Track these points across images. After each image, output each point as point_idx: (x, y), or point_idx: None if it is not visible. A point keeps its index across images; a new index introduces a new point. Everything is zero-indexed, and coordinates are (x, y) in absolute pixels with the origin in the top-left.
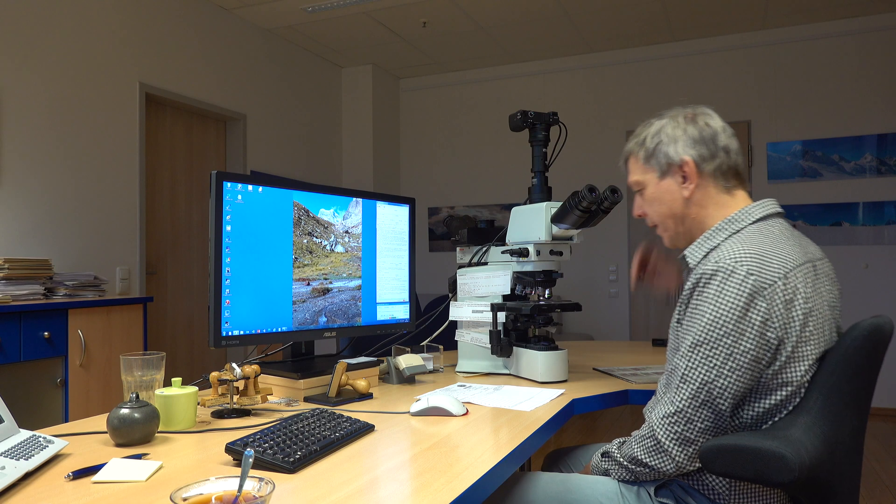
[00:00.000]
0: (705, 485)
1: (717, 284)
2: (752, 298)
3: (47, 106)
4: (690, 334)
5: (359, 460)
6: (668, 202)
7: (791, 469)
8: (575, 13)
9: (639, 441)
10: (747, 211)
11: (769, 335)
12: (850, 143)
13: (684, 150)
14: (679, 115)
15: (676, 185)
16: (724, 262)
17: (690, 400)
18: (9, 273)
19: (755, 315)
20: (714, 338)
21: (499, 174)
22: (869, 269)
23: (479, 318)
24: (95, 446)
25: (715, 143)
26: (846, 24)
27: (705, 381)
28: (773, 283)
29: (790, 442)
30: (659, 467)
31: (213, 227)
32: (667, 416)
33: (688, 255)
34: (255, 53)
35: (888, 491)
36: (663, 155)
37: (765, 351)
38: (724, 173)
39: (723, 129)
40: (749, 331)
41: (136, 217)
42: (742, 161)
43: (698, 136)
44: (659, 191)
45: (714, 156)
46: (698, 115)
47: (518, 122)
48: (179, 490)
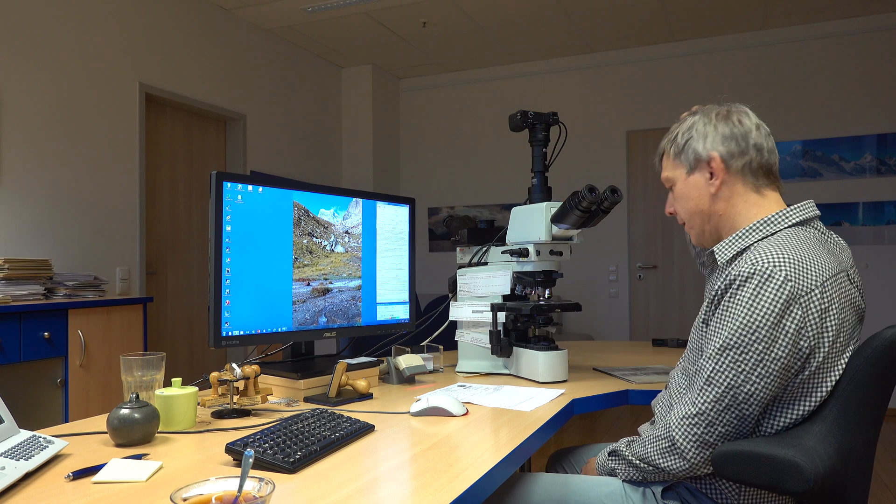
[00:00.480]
0: (714, 488)
1: (753, 288)
2: (789, 305)
3: (47, 106)
4: (720, 336)
5: (359, 460)
6: (695, 198)
7: (806, 479)
8: (575, 13)
9: (652, 442)
10: (785, 213)
11: (802, 344)
12: (850, 143)
13: (713, 146)
14: (712, 112)
15: (704, 181)
16: (762, 265)
17: (714, 403)
18: (9, 273)
19: (790, 323)
20: (745, 342)
21: (499, 174)
22: (869, 269)
23: (479, 318)
24: (95, 446)
25: (746, 140)
26: (846, 24)
27: (732, 386)
28: (810, 292)
29: (805, 451)
30: (670, 469)
31: (213, 227)
32: (687, 418)
33: (717, 252)
34: (255, 53)
35: (888, 491)
36: (692, 151)
37: (795, 359)
38: (754, 171)
39: (756, 126)
40: (782, 338)
41: (136, 217)
42: (776, 161)
43: (729, 132)
44: (686, 187)
45: (743, 153)
46: (732, 111)
47: (518, 122)
48: (179, 490)
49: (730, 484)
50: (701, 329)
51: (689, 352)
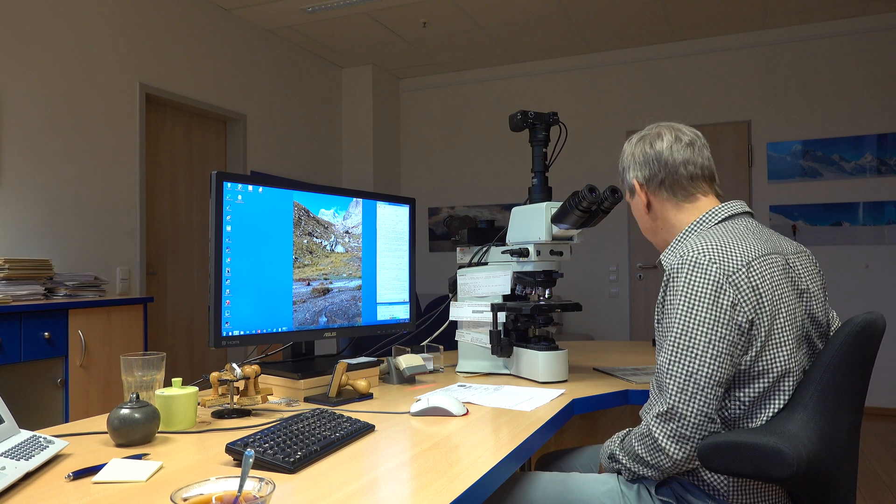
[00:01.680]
0: (705, 481)
1: (684, 276)
2: (720, 285)
3: (47, 106)
4: (669, 330)
5: (359, 460)
6: (640, 218)
7: (790, 464)
8: (575, 13)
9: (638, 438)
10: (713, 212)
11: (740, 318)
12: (850, 143)
13: (633, 174)
14: (635, 138)
15: (640, 204)
16: (689, 256)
17: (679, 394)
18: (9, 273)
19: (724, 300)
20: (690, 329)
21: (499, 174)
22: (869, 269)
23: (480, 318)
24: (96, 446)
25: (658, 161)
26: (846, 24)
27: (690, 373)
28: (737, 271)
29: (787, 437)
30: (658, 465)
31: (213, 227)
32: (660, 415)
33: (663, 260)
34: (255, 53)
35: (888, 491)
36: (626, 180)
37: (738, 335)
38: (670, 187)
39: (669, 147)
40: (722, 317)
41: (136, 217)
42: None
43: (642, 158)
44: (633, 210)
45: (655, 175)
46: (648, 136)
47: (518, 122)
48: (180, 490)
49: (720, 476)
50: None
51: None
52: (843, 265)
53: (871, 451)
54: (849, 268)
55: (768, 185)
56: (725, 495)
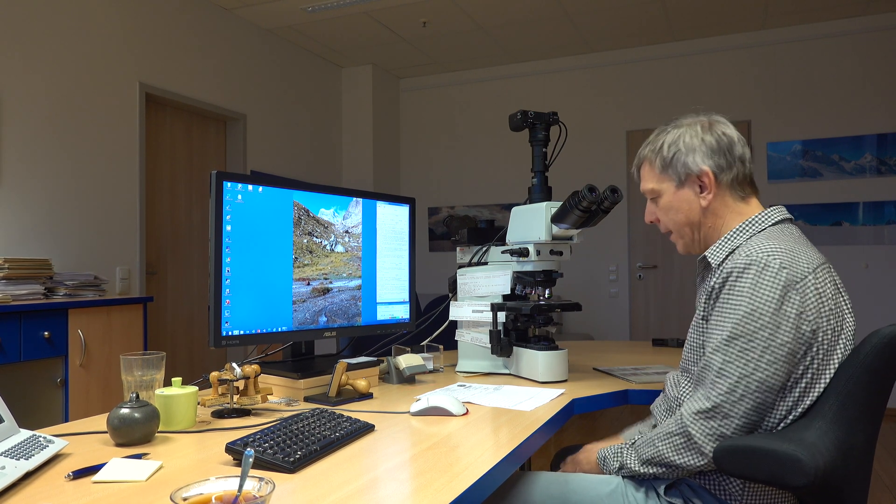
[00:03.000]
0: (718, 485)
1: (751, 277)
2: (787, 291)
3: (47, 106)
4: (724, 329)
5: (359, 460)
6: (686, 211)
7: (807, 473)
8: (575, 13)
9: (664, 439)
10: (767, 214)
11: (804, 328)
12: (850, 143)
13: (703, 161)
14: (696, 124)
15: (694, 195)
16: (757, 256)
17: (728, 394)
18: (9, 273)
19: (790, 308)
20: (750, 331)
21: (499, 174)
22: (869, 269)
23: (479, 318)
24: (95, 446)
25: (732, 153)
26: (846, 24)
27: (743, 375)
28: (804, 277)
29: (806, 445)
30: (688, 465)
31: (213, 227)
32: (702, 412)
33: (709, 256)
34: (255, 53)
35: (888, 491)
36: (682, 165)
37: (800, 344)
38: (741, 183)
39: (738, 138)
40: (785, 323)
41: (136, 217)
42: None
43: (716, 146)
44: (676, 200)
45: (731, 166)
46: (714, 123)
47: (518, 122)
48: (179, 490)
49: (735, 480)
50: (701, 325)
51: (688, 351)
52: (843, 265)
53: None
54: (849, 268)
55: (768, 185)
56: (738, 499)
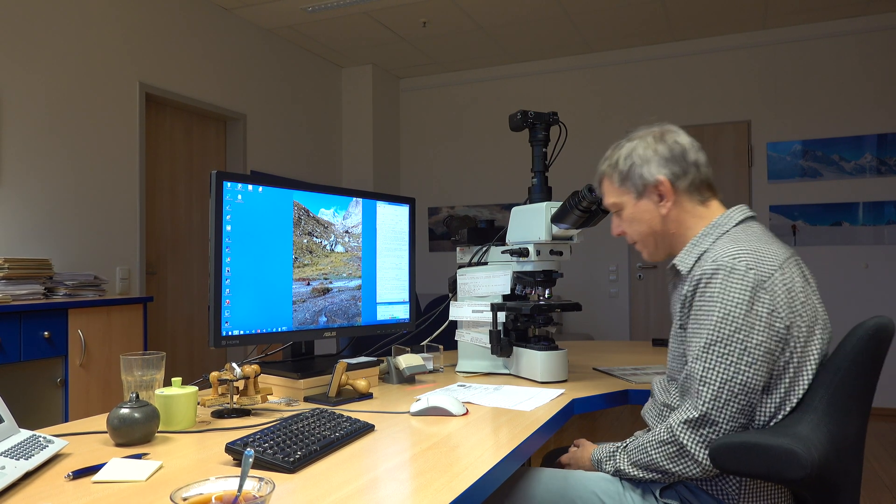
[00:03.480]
0: (715, 485)
1: (720, 282)
2: (756, 291)
3: (47, 106)
4: (701, 336)
5: (359, 460)
6: (647, 221)
7: (804, 465)
8: (575, 13)
9: (657, 447)
10: (728, 215)
11: (777, 325)
12: (850, 143)
13: (658, 170)
14: (648, 136)
15: (653, 205)
16: (723, 260)
17: (713, 401)
18: (9, 273)
19: (761, 307)
20: (726, 335)
21: (499, 174)
22: (869, 269)
23: (479, 318)
24: (95, 446)
25: (685, 159)
26: (846, 24)
27: (725, 380)
28: (772, 275)
29: (800, 439)
30: (684, 473)
31: (213, 227)
32: (690, 421)
33: (678, 263)
34: (255, 53)
35: (888, 491)
36: (638, 176)
37: (776, 342)
38: (698, 187)
39: (691, 144)
40: (758, 323)
41: (136, 217)
42: (711, 172)
43: (669, 154)
44: (637, 211)
45: (686, 172)
46: (665, 133)
47: (518, 122)
48: (179, 490)
49: (732, 479)
50: (680, 334)
51: (671, 360)
52: (843, 265)
53: (871, 451)
54: (849, 268)
55: (768, 185)
56: (735, 498)
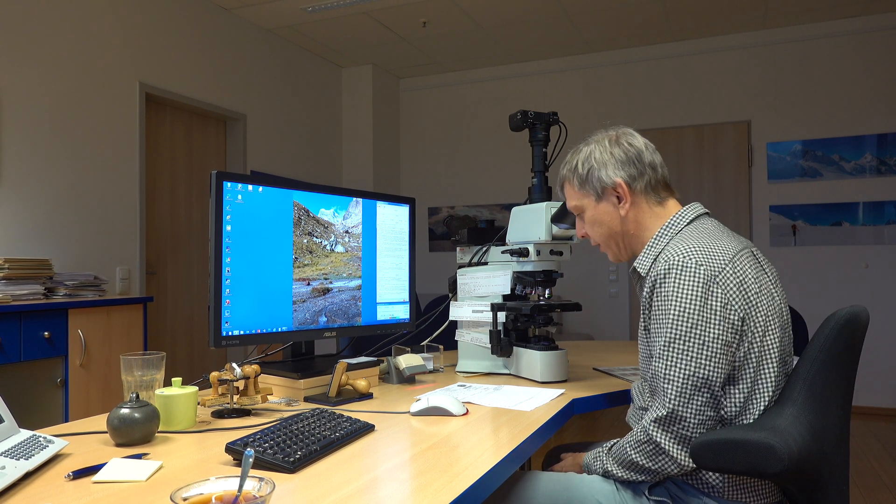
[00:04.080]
0: (699, 479)
1: (672, 280)
2: (708, 287)
3: (47, 106)
4: (661, 335)
5: (359, 460)
6: (608, 223)
7: (780, 459)
8: (575, 13)
9: (636, 447)
10: (681, 214)
11: (732, 317)
12: (850, 143)
13: (615, 173)
14: (604, 139)
15: (612, 207)
16: (675, 259)
17: (678, 398)
18: (9, 273)
19: (714, 302)
20: (683, 331)
21: (499, 174)
22: (869, 268)
23: (479, 318)
24: (95, 446)
25: (641, 161)
26: (846, 24)
27: (688, 376)
28: (723, 270)
29: (778, 433)
30: (663, 469)
31: (213, 227)
32: (659, 420)
33: (638, 266)
34: (255, 53)
35: (888, 491)
36: (597, 180)
37: (732, 334)
38: (654, 188)
39: (645, 146)
40: (713, 317)
41: (136, 217)
42: (667, 172)
43: (624, 157)
44: (597, 213)
45: (642, 174)
46: (620, 136)
47: (518, 122)
48: (179, 490)
49: (715, 474)
50: (644, 336)
51: (641, 361)
52: (843, 265)
53: (871, 451)
54: (849, 268)
55: (768, 184)
56: (721, 492)
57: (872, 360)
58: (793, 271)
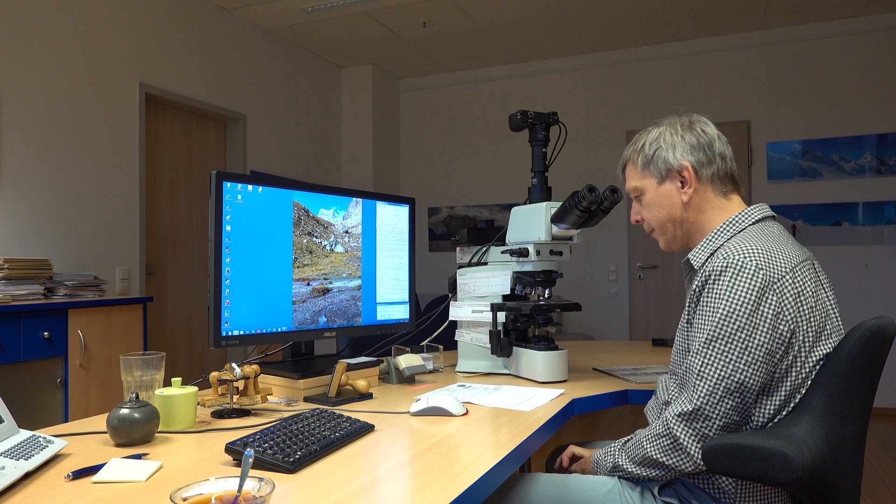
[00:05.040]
0: (712, 483)
1: (728, 279)
2: (763, 292)
3: (47, 106)
4: (704, 331)
5: (359, 460)
6: (668, 206)
7: (794, 468)
8: (575, 13)
9: (652, 440)
10: (747, 213)
11: (781, 328)
12: (849, 143)
13: (683, 156)
14: (676, 123)
15: (675, 190)
16: (734, 258)
17: (708, 396)
18: (9, 273)
19: (767, 309)
20: (728, 332)
21: (499, 174)
22: (869, 269)
23: (479, 318)
24: (95, 446)
25: (712, 149)
26: (846, 24)
27: (722, 377)
28: (782, 278)
29: (793, 441)
30: (677, 466)
31: (213, 227)
32: (684, 415)
33: (692, 258)
34: (255, 53)
35: (888, 491)
36: (662, 161)
37: (778, 344)
38: (721, 178)
39: (718, 136)
40: (762, 324)
41: (136, 217)
42: (735, 167)
43: (696, 142)
44: (658, 195)
45: (711, 161)
46: (695, 122)
47: (518, 122)
48: (179, 490)
49: (729, 479)
50: (685, 329)
51: (675, 354)
52: (843, 265)
53: (871, 451)
54: (848, 268)
55: (768, 185)
56: (732, 498)
57: None
58: None
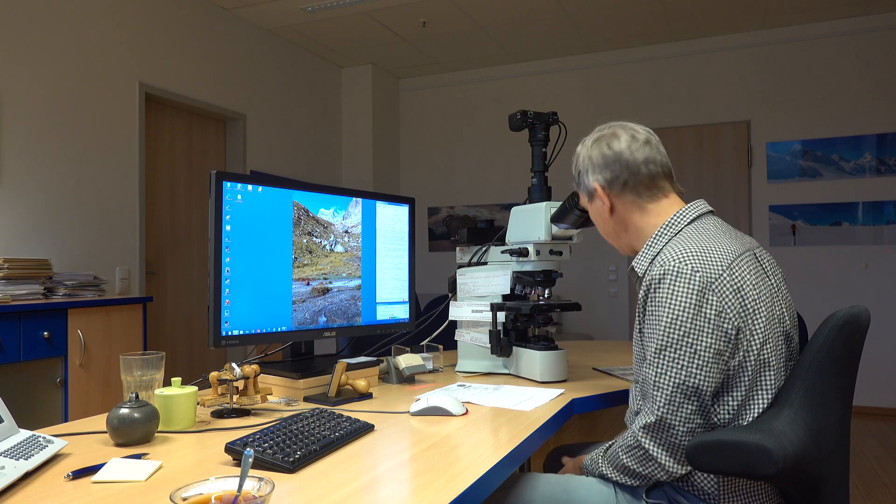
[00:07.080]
0: (693, 485)
1: (667, 287)
2: (703, 294)
3: (47, 106)
4: (653, 340)
5: (358, 460)
6: (601, 222)
7: (775, 461)
8: (575, 13)
9: (626, 451)
10: (682, 214)
11: (726, 326)
12: (849, 143)
13: (593, 178)
14: (589, 140)
15: (600, 207)
16: (670, 265)
17: (667, 406)
18: (9, 273)
19: (709, 310)
20: (675, 339)
21: (499, 174)
22: (869, 268)
23: (479, 318)
24: (95, 446)
25: (619, 163)
26: (846, 24)
27: (677, 384)
28: (719, 276)
29: (774, 434)
30: (652, 475)
31: (213, 227)
32: (648, 427)
33: (635, 266)
34: (255, 53)
35: (888, 491)
36: (583, 184)
37: (725, 343)
38: (642, 185)
39: (628, 146)
40: (706, 326)
41: (136, 217)
42: (662, 166)
43: (601, 160)
44: (593, 212)
45: (617, 176)
46: (604, 137)
47: (518, 122)
48: (179, 490)
49: (709, 479)
50: (638, 339)
51: (635, 363)
52: (843, 265)
53: (871, 451)
54: (848, 268)
55: (768, 184)
56: (716, 498)
57: (872, 360)
58: (792, 271)
